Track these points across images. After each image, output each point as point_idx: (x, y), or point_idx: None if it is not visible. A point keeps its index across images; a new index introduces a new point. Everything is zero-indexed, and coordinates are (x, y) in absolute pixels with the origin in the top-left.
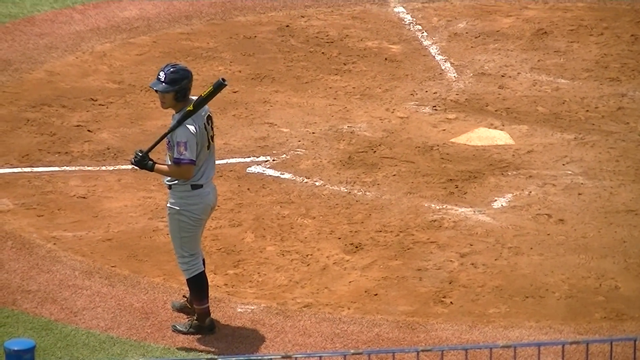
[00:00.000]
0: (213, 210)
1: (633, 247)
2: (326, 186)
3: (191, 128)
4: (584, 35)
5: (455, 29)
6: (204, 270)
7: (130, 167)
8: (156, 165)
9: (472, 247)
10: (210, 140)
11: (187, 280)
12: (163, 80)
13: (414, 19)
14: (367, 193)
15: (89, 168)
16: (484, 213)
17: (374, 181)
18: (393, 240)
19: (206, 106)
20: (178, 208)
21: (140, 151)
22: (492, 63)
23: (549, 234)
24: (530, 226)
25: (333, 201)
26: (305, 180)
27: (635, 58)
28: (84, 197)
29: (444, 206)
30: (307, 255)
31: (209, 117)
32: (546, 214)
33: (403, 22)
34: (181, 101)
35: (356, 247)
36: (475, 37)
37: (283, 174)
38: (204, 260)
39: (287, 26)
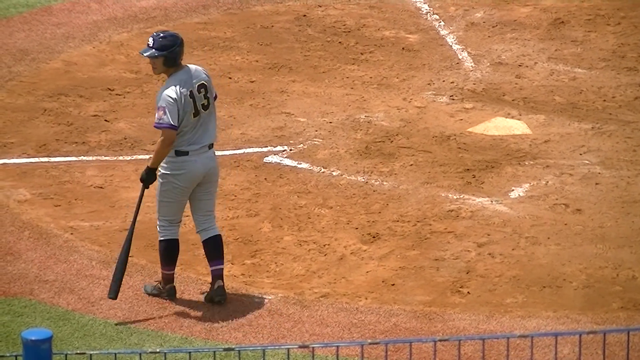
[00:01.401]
0: (210, 183)
1: None
2: (343, 176)
3: (172, 93)
4: (601, 25)
5: (473, 18)
6: (174, 239)
7: (147, 156)
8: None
9: (490, 237)
10: (202, 109)
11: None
12: (152, 45)
13: (431, 9)
14: (385, 183)
15: (106, 158)
16: (501, 203)
17: (391, 171)
18: (410, 230)
19: (200, 74)
20: (162, 172)
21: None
22: (509, 52)
23: (566, 224)
24: (547, 216)
25: (350, 191)
26: (323, 170)
27: None
28: (101, 187)
29: (461, 196)
30: (324, 245)
31: (202, 85)
32: (563, 204)
33: (420, 11)
34: (172, 66)
35: (373, 237)
36: (493, 27)
37: (300, 163)
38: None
39: (304, 16)
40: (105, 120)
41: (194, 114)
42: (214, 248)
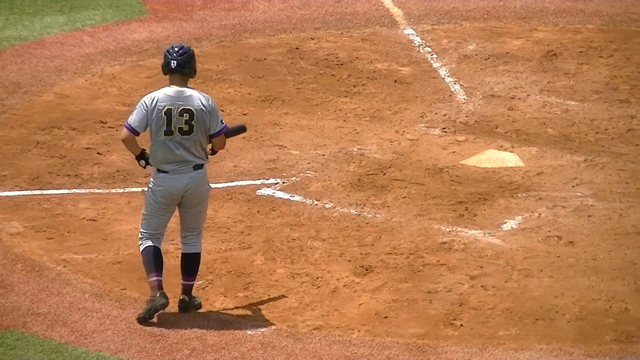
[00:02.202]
0: (193, 202)
1: None
2: (336, 208)
3: (147, 99)
4: (593, 57)
5: (465, 50)
6: (152, 247)
7: (140, 189)
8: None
9: (482, 270)
10: (178, 132)
11: None
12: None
13: (424, 41)
14: (377, 215)
15: (99, 190)
16: (493, 235)
17: (383, 203)
18: (403, 262)
19: (192, 100)
20: (149, 186)
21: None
22: (501, 85)
23: (559, 256)
24: (540, 248)
25: (343, 223)
26: (315, 202)
27: None
28: (94, 220)
29: (454, 228)
30: (317, 278)
31: (187, 111)
32: (556, 236)
33: (413, 44)
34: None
35: (366, 270)
36: (485, 59)
37: (293, 196)
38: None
39: (297, 48)
40: (98, 153)
41: (166, 132)
42: (187, 264)
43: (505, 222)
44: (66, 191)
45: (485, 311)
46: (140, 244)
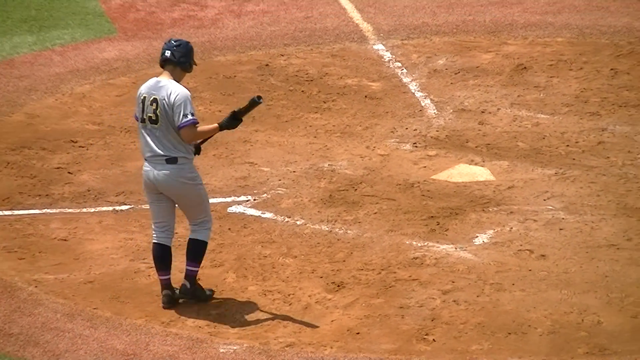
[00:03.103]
0: (174, 197)
1: (615, 281)
2: (307, 225)
3: (138, 90)
4: (563, 70)
5: (435, 65)
6: (159, 244)
7: (111, 208)
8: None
9: (454, 284)
10: (148, 120)
11: None
12: None
13: (394, 56)
14: (349, 231)
15: (70, 210)
16: (465, 250)
17: (355, 219)
18: (375, 278)
19: (160, 90)
20: None
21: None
22: (472, 99)
23: (530, 270)
24: (512, 262)
25: (314, 240)
26: (287, 219)
27: (615, 92)
28: (65, 240)
29: (426, 243)
30: (289, 295)
31: (155, 100)
32: (528, 250)
33: (382, 59)
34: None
35: (338, 286)
36: (455, 74)
37: (264, 213)
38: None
39: (267, 65)
40: (69, 173)
41: (140, 120)
42: (190, 249)
43: (477, 237)
44: (37, 211)
45: (457, 326)
46: (153, 236)
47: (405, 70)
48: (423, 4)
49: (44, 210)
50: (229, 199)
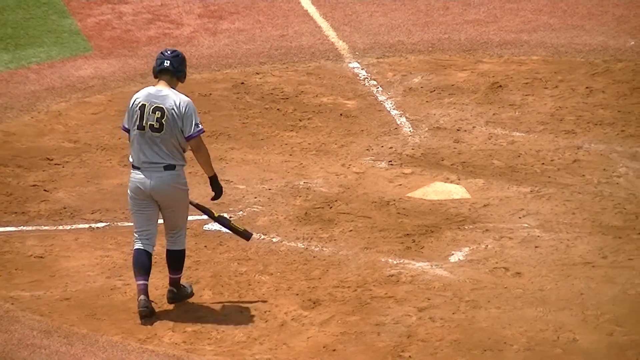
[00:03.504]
0: (166, 203)
1: (590, 299)
2: (283, 242)
3: (132, 98)
4: (539, 89)
5: (410, 83)
6: (141, 249)
7: (87, 226)
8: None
9: (430, 301)
10: (149, 129)
11: None
12: None
13: (369, 74)
14: (324, 249)
15: (46, 228)
16: (441, 267)
17: (330, 237)
18: (351, 295)
19: (166, 100)
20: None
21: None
22: (447, 117)
23: (506, 287)
24: (487, 279)
25: (290, 257)
26: (262, 236)
27: (590, 110)
28: (41, 257)
29: (401, 261)
30: (265, 312)
31: (159, 109)
32: (503, 267)
33: (358, 77)
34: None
35: (314, 303)
36: (431, 92)
37: None
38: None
39: (242, 83)
40: (45, 190)
41: (138, 127)
42: (171, 260)
43: (453, 254)
44: (13, 229)
45: (433, 343)
46: (134, 242)
47: (380, 89)
48: (398, 22)
49: (20, 228)
50: (204, 217)
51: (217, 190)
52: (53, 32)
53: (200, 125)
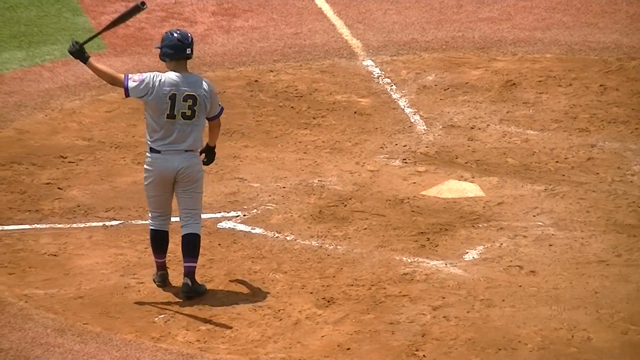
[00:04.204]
0: (186, 182)
1: (605, 297)
2: (297, 241)
3: (154, 78)
4: (552, 86)
5: (424, 81)
6: (161, 230)
7: (101, 224)
8: (91, 60)
9: (444, 300)
10: (181, 117)
11: None
12: None
13: (383, 72)
14: (339, 247)
15: (60, 225)
16: (455, 265)
17: (345, 235)
18: (365, 294)
19: (196, 86)
20: (145, 166)
21: (77, 42)
22: (461, 115)
23: (520, 286)
24: (501, 278)
25: (304, 255)
26: (276, 235)
27: (604, 108)
28: (55, 255)
29: (416, 259)
30: (279, 310)
31: (191, 96)
32: (517, 266)
33: (372, 75)
34: (165, 61)
35: (328, 302)
36: (444, 90)
37: (254, 229)
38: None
39: (256, 81)
40: (59, 188)
41: (168, 116)
42: (186, 245)
43: (467, 253)
44: (27, 226)
45: (447, 342)
46: (150, 222)
47: (394, 86)
48: (412, 20)
49: (33, 226)
50: (218, 215)
51: (212, 158)
52: (67, 29)
53: (220, 104)
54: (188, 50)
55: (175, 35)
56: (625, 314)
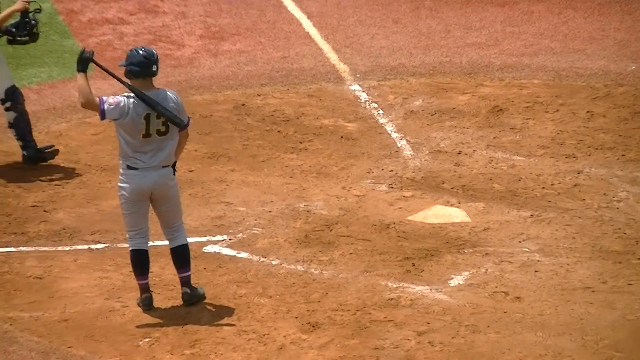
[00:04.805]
0: (164, 198)
1: (590, 324)
2: (283, 265)
3: (126, 101)
4: (539, 112)
5: (411, 106)
6: (141, 250)
7: (86, 247)
8: (86, 75)
9: (429, 326)
10: (156, 134)
11: None
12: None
13: (370, 97)
14: (324, 272)
15: (45, 248)
16: (440, 291)
17: (330, 260)
18: (350, 319)
19: (167, 102)
20: (119, 184)
21: (92, 55)
22: (448, 140)
23: (505, 312)
24: (487, 304)
25: (290, 280)
26: (262, 259)
27: (591, 135)
28: (40, 278)
29: (401, 284)
30: (264, 335)
31: (163, 116)
32: (503, 292)
33: (359, 100)
34: (131, 79)
35: (313, 326)
36: (431, 115)
37: (239, 253)
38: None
39: (243, 105)
40: (45, 211)
41: (144, 135)
42: (177, 257)
43: (452, 278)
44: (12, 249)
45: None
46: (129, 242)
47: (381, 111)
48: (400, 45)
49: (19, 248)
50: (204, 239)
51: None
52: (54, 52)
53: (187, 115)
54: (154, 68)
55: (141, 52)
56: (610, 341)
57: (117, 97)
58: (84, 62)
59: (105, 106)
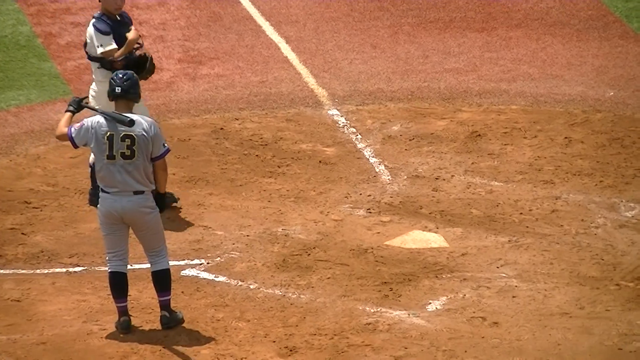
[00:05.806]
0: (138, 225)
1: (567, 350)
2: (260, 289)
3: (91, 121)
4: (517, 138)
5: (390, 131)
6: (119, 272)
7: (64, 270)
8: (68, 113)
9: (407, 350)
10: (121, 157)
11: None
12: None
13: (348, 122)
14: (302, 296)
15: (23, 271)
16: (418, 316)
17: (308, 284)
18: (327, 343)
19: (135, 126)
20: (97, 206)
21: (81, 101)
22: (426, 166)
23: (483, 337)
24: (464, 329)
25: (267, 304)
26: (240, 283)
27: (569, 161)
28: (18, 301)
29: (379, 309)
30: (241, 359)
31: (129, 136)
32: (480, 317)
33: (337, 124)
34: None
35: (290, 351)
36: (410, 140)
37: (217, 276)
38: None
39: (222, 129)
40: (22, 234)
41: (108, 157)
42: (158, 282)
43: (430, 303)
44: None
45: None
46: (108, 265)
47: (359, 136)
48: (378, 70)
49: None
50: (182, 262)
51: (162, 206)
52: (32, 75)
53: (166, 145)
54: (117, 90)
55: (113, 75)
56: None
57: (84, 120)
58: (76, 105)
59: (72, 130)
